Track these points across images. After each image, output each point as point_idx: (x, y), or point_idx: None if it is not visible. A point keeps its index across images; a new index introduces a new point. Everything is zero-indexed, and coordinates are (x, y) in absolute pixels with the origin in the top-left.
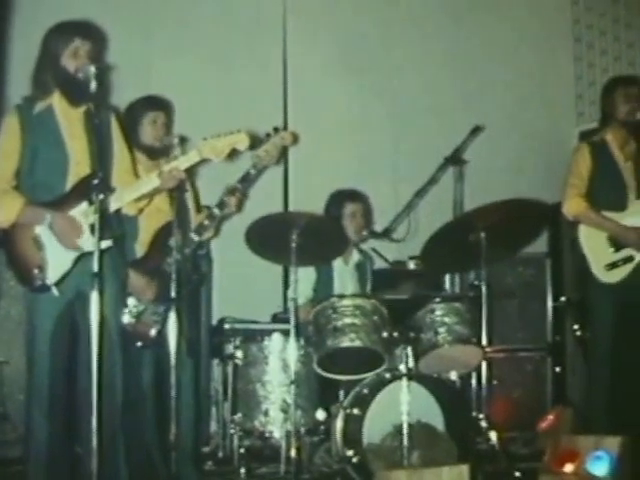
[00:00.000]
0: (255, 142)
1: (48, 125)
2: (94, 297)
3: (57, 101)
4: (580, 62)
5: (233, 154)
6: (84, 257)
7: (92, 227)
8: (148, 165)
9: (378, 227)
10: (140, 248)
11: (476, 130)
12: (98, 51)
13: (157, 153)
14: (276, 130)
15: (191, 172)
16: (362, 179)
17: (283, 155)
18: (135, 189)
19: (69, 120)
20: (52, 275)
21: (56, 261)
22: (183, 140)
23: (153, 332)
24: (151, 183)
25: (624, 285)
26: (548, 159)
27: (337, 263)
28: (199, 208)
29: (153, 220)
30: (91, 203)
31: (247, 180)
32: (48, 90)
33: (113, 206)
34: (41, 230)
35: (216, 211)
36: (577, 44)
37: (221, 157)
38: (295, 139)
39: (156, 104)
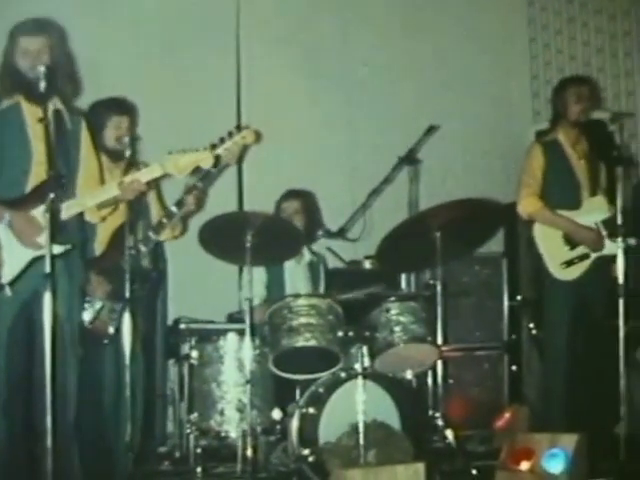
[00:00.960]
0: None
1: (15, 122)
2: (47, 298)
3: (24, 100)
4: (536, 61)
5: (197, 171)
6: (41, 259)
7: None
8: (110, 167)
9: (334, 227)
10: (99, 247)
11: (431, 129)
12: (55, 45)
13: (119, 155)
14: (238, 128)
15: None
16: (317, 178)
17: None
18: (95, 196)
19: (34, 119)
20: (6, 274)
21: (12, 261)
22: (134, 140)
23: (111, 329)
24: (111, 192)
25: (579, 283)
26: (504, 158)
27: (288, 263)
28: (163, 207)
29: (111, 219)
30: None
31: (208, 178)
32: (9, 92)
33: (73, 210)
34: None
35: (174, 209)
36: (533, 43)
37: (184, 174)
38: (257, 138)
39: (121, 108)
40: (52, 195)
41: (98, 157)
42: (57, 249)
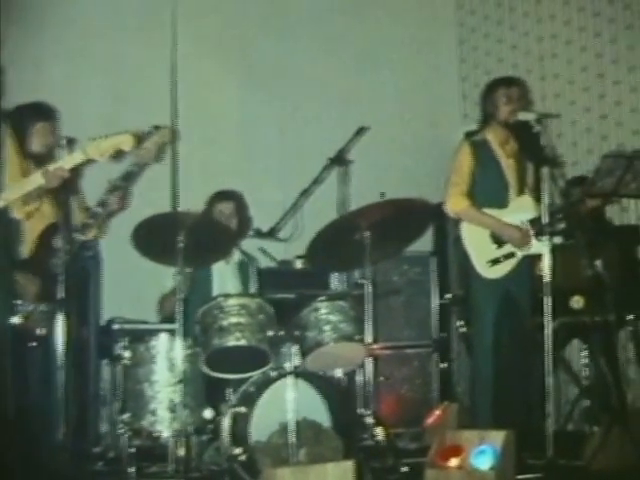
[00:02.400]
0: (142, 142)
1: None
2: None
3: None
4: (465, 64)
5: (119, 155)
6: None
7: None
8: (36, 172)
9: (265, 227)
10: (25, 250)
11: (361, 131)
12: None
13: (45, 160)
14: (156, 128)
15: (76, 172)
16: (249, 179)
17: (165, 152)
18: (20, 187)
19: None
20: None
21: None
22: (71, 142)
23: (41, 331)
24: (36, 181)
25: (505, 281)
26: (433, 159)
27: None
28: (85, 208)
29: (37, 222)
30: None
31: (128, 178)
32: None
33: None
34: None
35: (98, 209)
36: (462, 46)
37: (105, 157)
38: (175, 136)
39: (44, 114)
40: None
41: (23, 158)
42: None
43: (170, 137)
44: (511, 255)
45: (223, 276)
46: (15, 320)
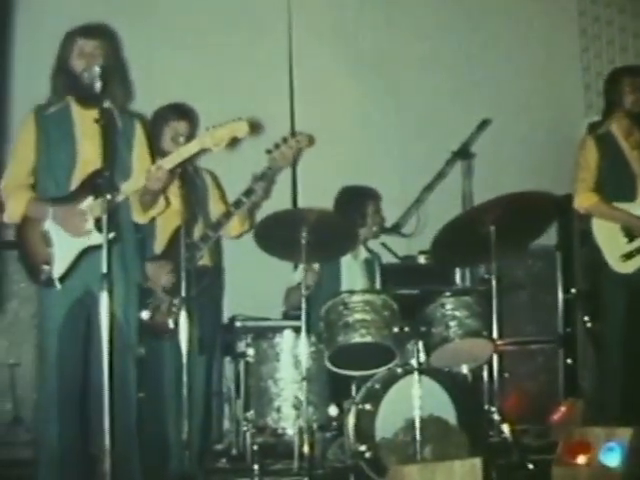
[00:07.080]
0: (257, 129)
1: (63, 124)
2: (104, 296)
3: (74, 102)
4: (587, 53)
5: (234, 143)
6: (90, 253)
7: (97, 221)
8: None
9: (387, 222)
10: (159, 247)
11: (484, 124)
12: (109, 49)
13: None
14: (293, 134)
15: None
16: (370, 174)
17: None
18: (132, 183)
19: (83, 120)
20: (57, 269)
21: (62, 254)
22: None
23: (171, 324)
24: (139, 181)
25: (636, 275)
26: (557, 151)
27: (345, 257)
28: (224, 202)
29: (170, 220)
30: (96, 197)
31: (263, 179)
32: (61, 94)
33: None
34: (49, 226)
35: (243, 198)
36: (583, 35)
37: (221, 146)
38: (311, 142)
39: (179, 113)
40: (109, 197)
41: (153, 159)
42: (99, 238)
43: (306, 143)
44: None
45: (351, 272)
46: (145, 315)
